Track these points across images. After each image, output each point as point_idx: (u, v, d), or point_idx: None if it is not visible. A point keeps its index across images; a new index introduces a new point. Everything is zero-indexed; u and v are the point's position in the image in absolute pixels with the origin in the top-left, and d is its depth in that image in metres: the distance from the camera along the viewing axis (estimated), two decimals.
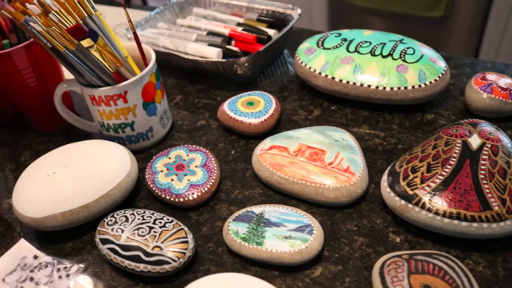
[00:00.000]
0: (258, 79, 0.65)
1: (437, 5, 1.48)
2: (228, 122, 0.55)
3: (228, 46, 0.64)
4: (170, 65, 0.68)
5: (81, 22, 0.47)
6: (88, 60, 0.46)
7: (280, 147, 0.50)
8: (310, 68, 0.58)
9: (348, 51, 0.58)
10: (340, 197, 0.45)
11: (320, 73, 0.58)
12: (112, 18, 0.82)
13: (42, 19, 0.44)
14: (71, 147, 0.50)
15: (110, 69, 0.47)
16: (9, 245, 0.46)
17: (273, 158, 0.49)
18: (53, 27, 0.43)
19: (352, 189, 0.45)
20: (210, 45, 0.63)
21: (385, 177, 0.45)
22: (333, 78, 0.57)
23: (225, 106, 0.56)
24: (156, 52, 0.61)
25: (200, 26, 0.68)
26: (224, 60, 0.59)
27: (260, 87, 0.64)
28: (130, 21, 0.48)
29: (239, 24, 0.68)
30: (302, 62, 0.59)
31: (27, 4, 0.46)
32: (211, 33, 0.66)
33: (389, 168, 0.46)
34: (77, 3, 0.48)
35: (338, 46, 0.59)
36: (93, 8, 0.50)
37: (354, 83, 0.56)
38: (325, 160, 0.48)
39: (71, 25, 0.45)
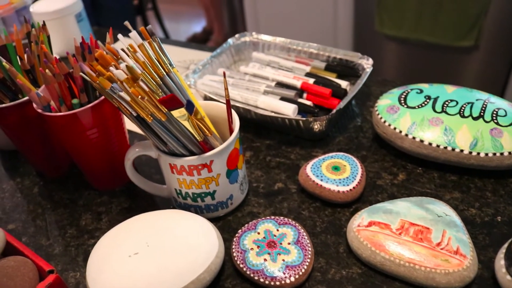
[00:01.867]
0: (331, 134, 0.61)
1: (468, 35, 1.46)
2: (313, 189, 0.51)
3: (301, 100, 0.60)
4: None
5: (166, 89, 0.43)
6: (176, 129, 0.42)
7: (380, 223, 0.45)
8: (395, 128, 0.55)
9: (435, 111, 0.55)
10: (452, 282, 0.41)
11: (407, 135, 0.54)
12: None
13: (130, 86, 0.40)
14: (146, 218, 0.46)
15: (198, 138, 0.43)
16: None
17: (375, 236, 0.44)
18: (145, 97, 0.39)
19: (465, 274, 0.41)
20: (282, 99, 0.59)
21: (501, 261, 0.41)
22: (421, 141, 0.53)
23: (308, 170, 0.52)
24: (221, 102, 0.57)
25: (267, 76, 0.64)
26: (303, 118, 0.55)
27: (334, 144, 0.60)
28: (226, 88, 0.44)
29: (308, 75, 0.64)
30: (385, 122, 0.56)
31: (111, 68, 0.41)
32: (280, 84, 0.63)
33: (505, 248, 0.42)
34: (156, 61, 0.44)
35: (423, 105, 0.56)
36: (170, 64, 0.46)
37: (445, 147, 0.52)
38: (432, 240, 0.44)
39: (165, 95, 0.41)
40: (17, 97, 0.52)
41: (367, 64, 0.64)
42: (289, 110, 0.57)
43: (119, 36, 0.44)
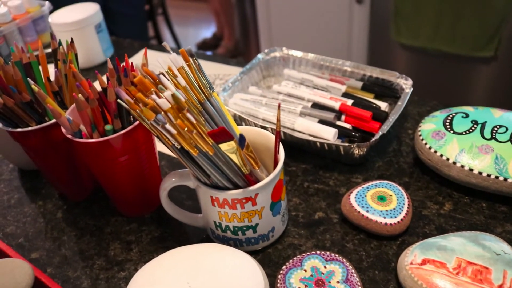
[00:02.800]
0: (369, 158, 0.58)
1: (488, 45, 1.43)
2: (358, 220, 0.48)
3: (340, 123, 0.57)
4: None
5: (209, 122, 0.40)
6: (222, 162, 0.39)
7: (435, 261, 0.42)
8: (441, 155, 0.52)
9: (484, 137, 0.51)
10: None
11: (454, 163, 0.51)
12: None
13: (174, 116, 0.37)
14: (184, 253, 0.43)
15: (244, 170, 0.40)
16: None
17: (431, 276, 0.41)
18: (193, 130, 0.36)
19: None
20: (321, 121, 0.56)
21: None
22: (470, 169, 0.50)
23: (353, 200, 0.49)
24: (256, 125, 0.54)
25: (302, 96, 0.61)
26: (345, 144, 0.52)
27: (374, 169, 0.56)
28: (279, 120, 0.40)
29: (345, 95, 0.61)
30: (430, 148, 0.52)
31: (153, 96, 0.38)
32: (317, 105, 0.60)
33: None
34: (197, 86, 0.41)
35: (471, 130, 0.52)
36: (211, 88, 0.43)
37: (497, 177, 0.49)
38: (493, 281, 0.41)
39: (215, 128, 0.38)
40: (44, 119, 0.49)
41: (405, 84, 0.61)
42: (329, 135, 0.54)
43: (158, 59, 0.41)
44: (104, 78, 0.47)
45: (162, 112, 0.36)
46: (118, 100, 0.38)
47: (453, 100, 1.61)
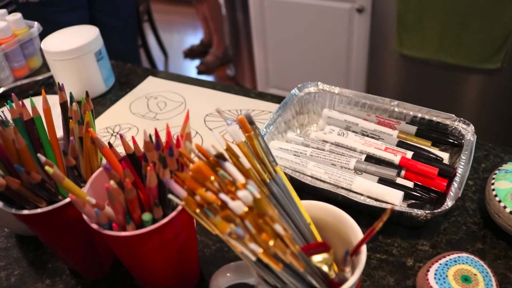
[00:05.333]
0: (432, 217, 0.50)
1: (494, 57, 1.39)
2: None
3: (401, 181, 0.49)
4: (311, 192, 0.52)
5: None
6: (310, 273, 0.31)
7: None
8: None
9: None
10: None
11: None
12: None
13: (252, 223, 0.28)
14: None
15: (331, 276, 0.32)
16: None
17: None
18: (286, 252, 0.27)
19: None
20: (381, 180, 0.48)
21: None
22: None
23: (432, 281, 0.41)
24: (303, 183, 0.46)
25: (353, 146, 0.53)
26: (419, 211, 0.44)
27: (440, 233, 0.49)
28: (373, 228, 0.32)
29: (400, 144, 0.53)
30: (511, 213, 0.45)
31: (222, 196, 0.28)
32: (371, 157, 0.52)
33: None
34: (260, 167, 0.33)
35: None
36: (274, 161, 0.35)
37: None
38: None
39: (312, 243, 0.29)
40: (56, 198, 0.39)
41: (465, 129, 0.54)
42: (395, 199, 0.46)
43: (215, 133, 0.32)
44: (128, 135, 0.37)
45: (238, 220, 0.27)
46: (170, 196, 0.29)
47: (461, 114, 1.56)
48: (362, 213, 0.51)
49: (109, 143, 0.39)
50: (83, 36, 0.73)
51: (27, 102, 0.44)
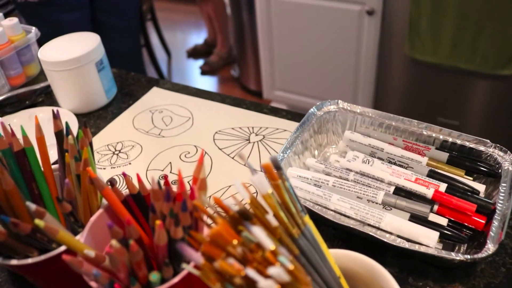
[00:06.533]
0: None
1: (509, 63, 1.35)
2: None
3: (435, 218, 0.44)
4: (333, 225, 0.47)
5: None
6: None
7: None
8: None
9: None
10: None
11: None
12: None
13: None
14: None
15: None
16: None
17: None
18: None
19: None
20: (412, 217, 0.43)
21: None
22: None
23: None
24: (327, 221, 0.41)
25: (381, 177, 0.48)
26: (460, 257, 0.39)
27: (477, 275, 0.44)
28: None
29: (431, 174, 0.48)
30: None
31: (249, 271, 0.23)
32: (401, 189, 0.47)
33: None
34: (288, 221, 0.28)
35: None
36: (302, 210, 0.30)
37: None
38: None
39: None
40: (50, 246, 0.34)
41: (502, 157, 0.49)
42: (430, 241, 0.41)
43: (236, 183, 0.27)
44: (132, 175, 0.32)
45: None
46: (184, 266, 0.24)
47: (471, 121, 1.51)
48: (389, 249, 0.46)
49: (110, 181, 0.34)
50: (83, 44, 0.68)
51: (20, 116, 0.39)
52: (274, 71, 1.87)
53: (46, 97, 0.78)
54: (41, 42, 1.18)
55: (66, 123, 0.37)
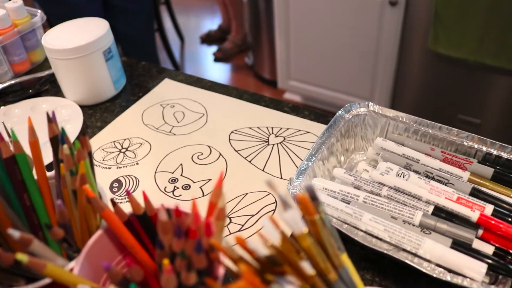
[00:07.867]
0: None
1: None
2: None
3: (477, 244, 0.39)
4: (362, 246, 0.42)
5: None
6: None
7: None
8: None
9: None
10: None
11: None
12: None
13: None
14: None
15: None
16: None
17: None
18: None
19: None
20: (455, 244, 0.38)
21: None
22: None
23: None
24: (358, 244, 0.36)
25: (418, 194, 0.42)
26: None
27: None
28: None
29: (475, 192, 0.42)
30: None
31: None
32: (441, 209, 0.41)
33: None
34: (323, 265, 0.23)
35: None
36: (339, 247, 0.25)
37: None
38: None
39: None
40: (39, 275, 0.29)
41: None
42: (477, 274, 0.36)
43: (265, 223, 0.22)
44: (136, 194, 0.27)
45: None
46: None
47: (493, 120, 1.44)
48: (423, 275, 0.41)
49: (112, 201, 0.29)
50: (90, 31, 0.63)
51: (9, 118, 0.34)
52: (290, 60, 1.80)
53: (52, 86, 0.73)
54: (51, 23, 1.13)
55: (62, 129, 0.32)
